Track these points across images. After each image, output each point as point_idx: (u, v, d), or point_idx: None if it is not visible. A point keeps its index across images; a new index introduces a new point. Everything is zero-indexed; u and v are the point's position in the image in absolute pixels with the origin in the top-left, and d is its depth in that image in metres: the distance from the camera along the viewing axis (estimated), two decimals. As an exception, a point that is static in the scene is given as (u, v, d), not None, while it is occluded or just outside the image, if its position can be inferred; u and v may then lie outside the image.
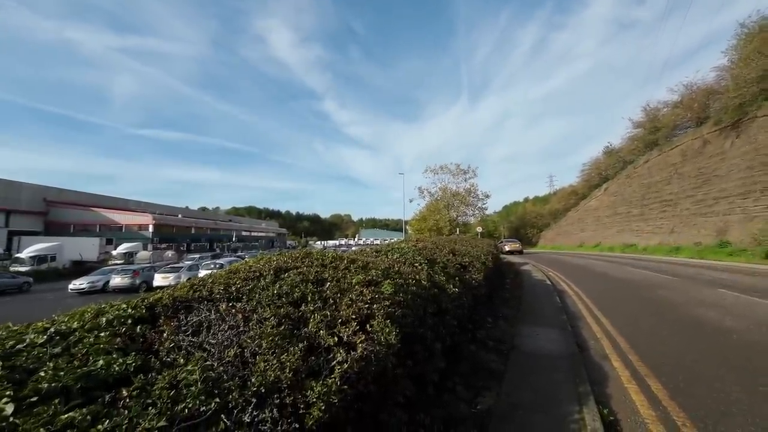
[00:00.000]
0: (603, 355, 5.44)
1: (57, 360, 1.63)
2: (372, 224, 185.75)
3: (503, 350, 5.56)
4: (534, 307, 8.74)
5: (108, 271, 20.49)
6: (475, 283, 5.55)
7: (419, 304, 3.43)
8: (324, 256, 3.55)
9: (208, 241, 57.70)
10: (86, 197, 50.69)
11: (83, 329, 1.93)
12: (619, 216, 37.63)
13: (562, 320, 7.43)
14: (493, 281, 8.76)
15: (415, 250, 5.53)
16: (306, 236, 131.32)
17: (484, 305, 6.93)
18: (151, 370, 1.72)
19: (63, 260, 29.46)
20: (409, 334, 2.98)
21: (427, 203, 42.36)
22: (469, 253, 7.26)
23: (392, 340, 2.45)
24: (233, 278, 2.81)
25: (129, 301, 2.30)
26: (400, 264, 4.34)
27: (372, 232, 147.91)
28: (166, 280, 19.02)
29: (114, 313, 2.10)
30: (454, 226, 41.08)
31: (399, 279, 3.48)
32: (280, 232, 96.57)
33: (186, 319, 2.22)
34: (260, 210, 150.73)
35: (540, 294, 10.78)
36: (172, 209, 63.35)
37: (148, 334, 2.02)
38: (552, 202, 65.07)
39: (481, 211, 42.44)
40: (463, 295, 4.61)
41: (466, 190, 40.67)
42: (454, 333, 4.34)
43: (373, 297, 2.76)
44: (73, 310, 2.24)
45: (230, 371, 1.81)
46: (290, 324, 2.31)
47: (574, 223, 49.70)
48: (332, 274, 3.09)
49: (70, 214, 46.03)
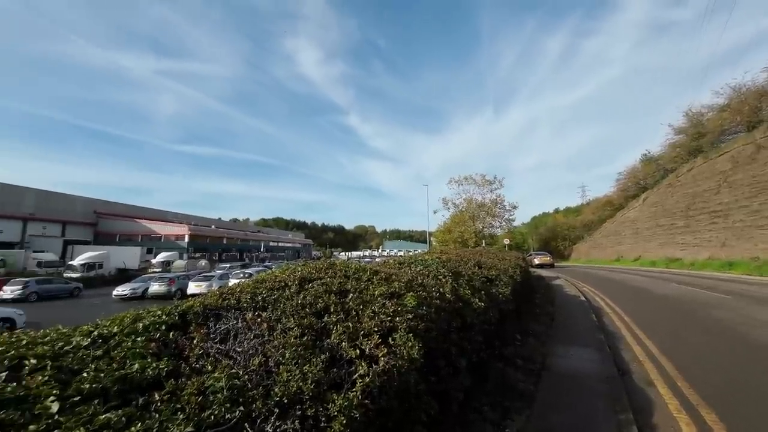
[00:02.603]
0: (647, 380, 4.99)
1: (98, 362, 1.74)
2: (396, 235, 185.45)
3: (533, 369, 5.26)
4: (567, 325, 8.25)
5: (147, 279, 21.80)
6: (502, 297, 5.34)
7: (443, 318, 3.35)
8: (347, 267, 3.57)
9: (239, 251, 60.04)
10: (130, 209, 54.75)
11: (122, 333, 2.05)
12: (661, 228, 35.08)
13: (599, 339, 6.95)
14: (522, 296, 8.39)
15: (439, 263, 5.43)
16: (330, 247, 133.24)
17: (512, 321, 6.63)
18: (181, 376, 1.79)
19: (109, 268, 31.73)
20: (432, 349, 2.90)
21: (451, 214, 41.76)
22: (495, 266, 7.02)
23: (415, 354, 2.39)
24: (260, 288, 2.89)
25: (164, 308, 2.42)
26: (424, 276, 4.27)
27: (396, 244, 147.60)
28: (199, 288, 19.92)
29: (150, 319, 2.22)
30: (480, 237, 40.06)
31: (422, 292, 3.42)
32: (306, 243, 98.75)
33: (215, 326, 2.30)
34: (287, 221, 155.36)
35: (574, 310, 10.18)
36: (206, 220, 66.84)
37: (179, 340, 2.12)
38: (585, 213, 61.93)
39: (508, 223, 41.20)
40: (489, 309, 4.45)
41: (492, 201, 39.74)
42: (479, 349, 4.18)
43: (395, 309, 2.73)
44: (114, 315, 2.40)
45: (254, 380, 1.85)
46: (313, 335, 2.32)
47: (610, 235, 46.90)
48: (355, 286, 3.09)
49: (116, 224, 49.82)
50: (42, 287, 20.99)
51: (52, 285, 21.89)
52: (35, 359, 1.68)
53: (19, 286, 20.04)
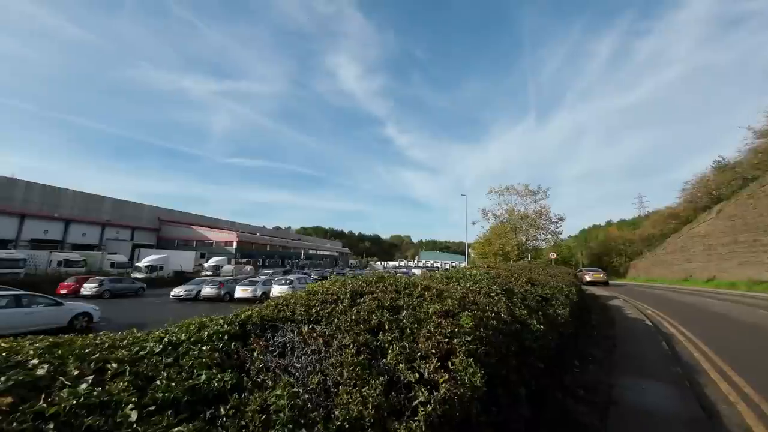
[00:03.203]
0: (743, 425, 4.22)
1: (169, 370, 1.79)
2: (432, 246, 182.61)
3: (598, 403, 4.70)
4: (633, 352, 7.36)
5: (200, 282, 23.44)
6: (561, 319, 4.88)
7: (501, 341, 3.10)
8: (397, 281, 3.47)
9: (280, 258, 62.78)
10: (187, 216, 59.91)
11: (189, 341, 2.12)
12: (741, 245, 30.63)
13: (674, 372, 6.08)
14: (578, 317, 7.67)
15: (489, 278, 5.14)
16: (367, 256, 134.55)
17: (568, 345, 6.05)
18: (243, 390, 1.78)
19: (168, 270, 34.74)
20: (491, 375, 2.67)
21: (491, 226, 40.20)
22: (548, 284, 6.50)
23: (477, 382, 2.20)
24: (312, 300, 2.88)
25: (225, 317, 2.49)
26: (475, 293, 4.03)
27: (432, 255, 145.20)
28: (245, 292, 20.99)
29: (213, 328, 2.28)
30: (523, 251, 37.97)
31: (477, 311, 3.20)
32: (343, 251, 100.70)
33: (272, 338, 2.30)
34: (326, 230, 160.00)
35: (639, 336, 9.09)
36: (252, 228, 71.01)
37: (240, 351, 2.14)
38: (644, 227, 56.16)
39: (554, 236, 38.68)
40: (548, 333, 4.07)
41: (536, 212, 37.66)
42: (538, 376, 3.81)
43: (452, 330, 2.56)
44: (176, 318, 2.51)
45: (314, 400, 1.79)
46: (368, 353, 2.24)
47: (675, 251, 41.95)
48: (407, 302, 2.98)
49: (175, 230, 54.70)
50: (114, 286, 23.47)
51: (121, 284, 24.41)
52: (116, 363, 1.77)
53: (96, 284, 22.58)
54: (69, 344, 1.88)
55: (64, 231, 41.24)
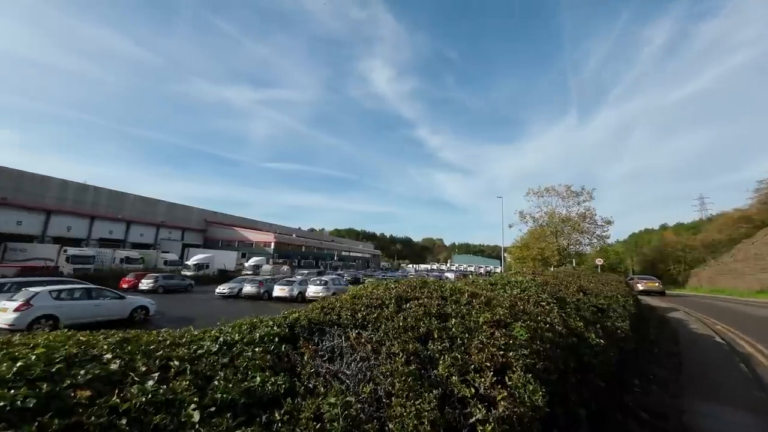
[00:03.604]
0: None
1: (226, 371, 1.82)
2: (465, 249, 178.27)
3: (666, 429, 4.20)
4: (704, 373, 6.54)
5: (241, 280, 24.70)
6: (621, 333, 4.43)
7: (558, 356, 2.85)
8: (442, 287, 3.33)
9: (315, 258, 64.56)
10: (230, 218, 63.64)
11: (243, 342, 2.16)
12: (831, 253, 26.39)
13: (758, 398, 5.30)
14: (637, 331, 6.98)
15: (537, 285, 4.82)
16: (398, 259, 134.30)
17: (628, 362, 5.50)
18: (296, 395, 1.76)
19: (213, 269, 37.08)
20: (550, 394, 2.45)
21: (529, 229, 38.29)
22: (602, 293, 5.98)
23: (539, 401, 2.01)
24: (358, 304, 2.84)
25: (274, 318, 2.52)
26: (524, 302, 3.78)
27: (466, 258, 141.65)
28: (282, 291, 21.78)
29: (264, 330, 2.30)
30: (565, 256, 35.70)
31: (529, 321, 2.98)
32: (375, 253, 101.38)
33: (321, 342, 2.28)
34: (358, 232, 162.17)
35: (710, 354, 8.09)
36: (288, 229, 73.83)
37: (291, 355, 2.14)
38: (708, 231, 50.45)
39: (600, 240, 35.87)
40: (609, 348, 3.70)
41: (580, 214, 35.19)
42: (598, 396, 3.48)
43: (507, 342, 2.38)
44: (219, 314, 2.58)
45: (367, 410, 1.72)
46: (419, 363, 2.14)
47: (748, 259, 37.16)
48: (455, 309, 2.83)
49: (219, 231, 58.32)
50: (167, 282, 25.46)
51: (173, 280, 26.41)
52: (177, 361, 1.83)
53: (152, 280, 24.63)
54: (136, 340, 1.99)
55: (126, 231, 45.58)
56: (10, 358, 1.53)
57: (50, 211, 37.42)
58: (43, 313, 10.62)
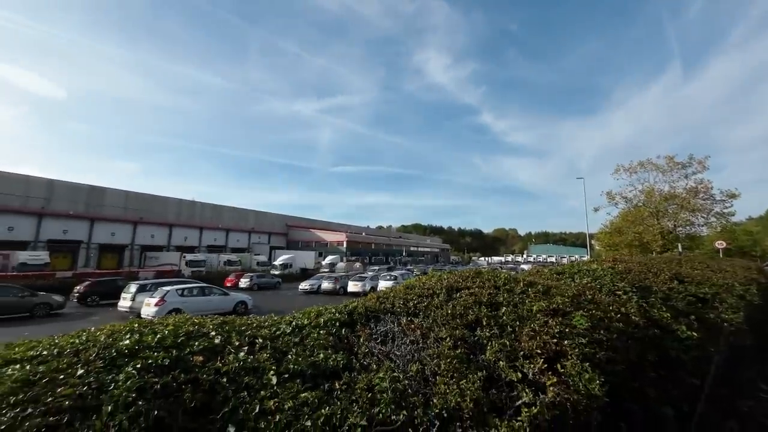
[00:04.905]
0: None
1: (297, 348, 2.21)
2: (544, 239, 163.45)
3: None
4: None
5: (319, 278, 27.02)
6: (730, 326, 3.75)
7: (630, 347, 2.62)
8: (496, 276, 3.32)
9: (384, 255, 66.67)
10: (306, 221, 69.66)
11: (310, 326, 2.54)
12: None
13: None
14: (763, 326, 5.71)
15: (614, 273, 4.36)
16: (469, 252, 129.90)
17: (749, 362, 4.58)
18: (353, 370, 2.05)
19: (295, 268, 41.20)
20: (616, 385, 2.30)
21: (621, 211, 33.19)
22: (709, 280, 5.07)
23: (595, 390, 1.94)
24: (410, 294, 3.04)
25: (337, 307, 2.87)
26: (594, 291, 3.49)
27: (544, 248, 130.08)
28: (356, 287, 23.20)
29: (327, 316, 2.66)
30: (671, 239, 30.03)
31: (595, 310, 2.79)
32: (444, 247, 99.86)
33: (375, 327, 2.54)
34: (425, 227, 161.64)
35: None
36: (358, 228, 77.60)
37: (349, 337, 2.44)
38: None
39: (721, 218, 29.10)
40: (707, 342, 3.20)
41: (689, 189, 29.09)
42: (693, 396, 3.05)
43: (562, 330, 2.32)
44: (303, 308, 3.02)
45: (413, 386, 1.91)
46: (466, 348, 2.24)
47: None
48: (507, 298, 2.82)
49: (298, 234, 64.32)
50: (260, 280, 29.28)
51: (264, 279, 30.24)
52: (261, 339, 2.28)
53: (248, 279, 28.64)
54: (232, 322, 2.51)
55: (226, 238, 53.58)
56: (153, 332, 2.13)
57: (172, 225, 46.15)
58: (173, 306, 13.37)
